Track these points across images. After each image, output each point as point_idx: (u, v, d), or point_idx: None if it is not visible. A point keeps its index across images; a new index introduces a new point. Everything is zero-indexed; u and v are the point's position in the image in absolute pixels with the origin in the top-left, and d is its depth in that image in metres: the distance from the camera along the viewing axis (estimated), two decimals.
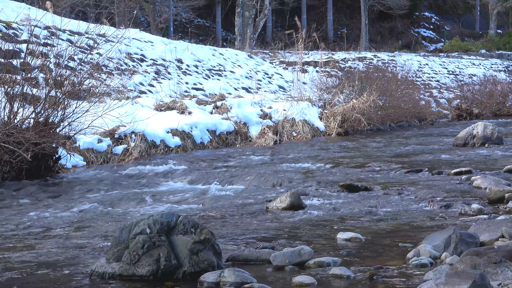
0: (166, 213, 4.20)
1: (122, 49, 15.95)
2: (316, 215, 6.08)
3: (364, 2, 40.05)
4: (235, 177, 8.46)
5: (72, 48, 10.88)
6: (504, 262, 3.64)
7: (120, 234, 4.13)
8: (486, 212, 5.84)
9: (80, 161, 9.94)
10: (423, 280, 3.78)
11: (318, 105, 16.25)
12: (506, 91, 25.06)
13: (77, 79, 9.52)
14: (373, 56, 30.48)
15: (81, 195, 7.61)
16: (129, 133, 11.00)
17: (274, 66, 24.57)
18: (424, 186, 7.36)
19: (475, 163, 9.36)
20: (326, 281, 3.92)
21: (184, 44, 20.91)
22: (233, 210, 6.43)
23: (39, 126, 8.59)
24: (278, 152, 11.68)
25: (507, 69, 35.21)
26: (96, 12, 32.24)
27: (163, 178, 8.73)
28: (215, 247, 4.15)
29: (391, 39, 45.19)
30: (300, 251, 4.27)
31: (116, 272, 4.02)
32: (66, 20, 14.15)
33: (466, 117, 21.94)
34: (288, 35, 19.83)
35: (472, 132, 11.95)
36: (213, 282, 3.85)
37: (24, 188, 8.02)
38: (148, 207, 6.67)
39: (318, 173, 8.84)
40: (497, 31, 45.48)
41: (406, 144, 12.93)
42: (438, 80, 29.70)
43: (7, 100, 8.59)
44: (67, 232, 5.55)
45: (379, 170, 8.93)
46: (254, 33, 27.33)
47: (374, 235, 5.12)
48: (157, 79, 16.34)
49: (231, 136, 13.32)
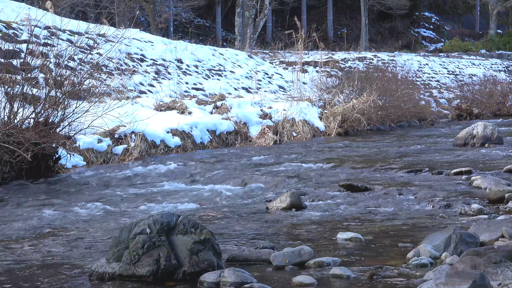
0: (166, 213, 4.20)
1: (122, 49, 15.94)
2: (316, 215, 6.08)
3: (364, 2, 40.06)
4: (235, 177, 8.46)
5: (72, 48, 10.88)
6: (504, 262, 3.64)
7: (120, 234, 4.13)
8: (486, 212, 5.84)
9: (80, 161, 9.94)
10: (423, 280, 3.78)
11: (318, 105, 16.25)
12: (506, 91, 25.06)
13: (77, 79, 9.52)
14: (373, 56, 30.47)
15: (81, 195, 7.61)
16: (129, 133, 11.00)
17: (274, 66, 24.57)
18: (424, 186, 7.36)
19: (475, 163, 9.36)
20: (326, 281, 3.92)
21: (184, 44, 20.91)
22: (233, 210, 6.44)
23: (39, 126, 8.59)
24: (278, 152, 11.68)
25: (507, 69, 35.21)
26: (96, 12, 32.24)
27: (163, 178, 8.73)
28: (215, 247, 4.15)
29: (391, 39, 45.19)
30: (300, 251, 4.27)
31: (116, 272, 4.02)
32: (66, 20, 14.15)
33: (466, 117, 21.94)
34: (288, 35, 19.82)
35: (472, 132, 11.94)
36: (213, 282, 3.85)
37: (24, 188, 8.02)
38: (148, 207, 6.67)
39: (318, 173, 8.84)
40: (497, 31, 45.48)
41: (406, 144, 12.93)
42: (438, 80, 29.69)
43: (7, 100, 8.59)
44: (67, 232, 5.55)
45: (379, 170, 8.92)
46: (254, 33, 27.32)
47: (374, 235, 5.12)
48: (157, 79, 16.33)
49: (231, 136, 13.32)
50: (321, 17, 44.12)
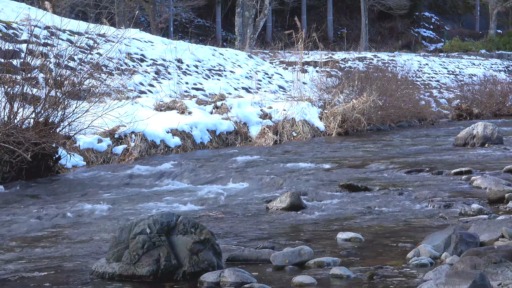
0: (166, 213, 4.20)
1: (122, 49, 15.93)
2: (316, 215, 6.08)
3: (364, 2, 40.05)
4: (235, 177, 8.46)
5: (72, 48, 10.88)
6: (504, 262, 3.64)
7: (120, 234, 4.13)
8: (486, 212, 5.84)
9: (80, 161, 9.94)
10: (423, 280, 3.78)
11: (318, 105, 16.25)
12: (506, 91, 25.04)
13: (77, 79, 9.52)
14: (373, 56, 30.46)
15: (81, 195, 7.61)
16: (129, 133, 11.00)
17: (274, 66, 24.56)
18: (424, 186, 7.36)
19: (475, 163, 9.36)
20: (326, 281, 3.92)
21: (184, 44, 20.90)
22: (233, 210, 6.44)
23: (39, 126, 8.59)
24: (278, 152, 11.68)
25: (507, 69, 35.19)
26: (96, 12, 32.24)
27: (163, 178, 8.73)
28: (215, 247, 4.15)
29: (391, 39, 45.19)
30: (300, 251, 4.27)
31: (116, 272, 4.02)
32: (66, 20, 14.14)
33: (466, 117, 21.94)
34: (288, 35, 19.82)
35: (472, 132, 11.94)
36: (213, 282, 3.85)
37: (24, 188, 8.02)
38: (148, 207, 6.67)
39: (318, 173, 8.84)
40: (497, 31, 45.47)
41: (406, 144, 12.93)
42: (438, 80, 29.68)
43: (7, 100, 8.59)
44: (67, 232, 5.55)
45: (379, 170, 8.92)
46: (254, 33, 27.31)
47: (374, 235, 5.12)
48: (157, 79, 16.33)
49: (231, 136, 13.32)
50: (321, 17, 44.12)
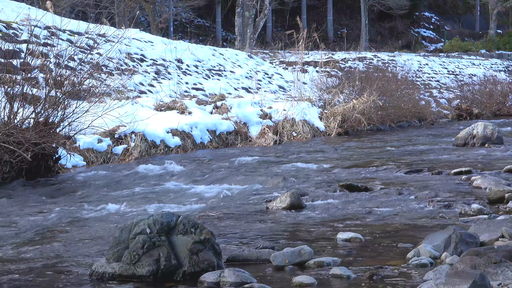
0: (166, 213, 4.20)
1: (122, 49, 15.93)
2: (316, 215, 6.08)
3: (364, 2, 40.05)
4: (235, 177, 8.46)
5: (72, 48, 10.87)
6: (504, 262, 3.64)
7: (120, 234, 4.13)
8: (486, 212, 5.84)
9: (80, 161, 9.94)
10: (423, 280, 3.78)
11: (318, 105, 16.25)
12: (506, 91, 25.04)
13: (77, 79, 9.52)
14: (373, 56, 30.45)
15: (81, 195, 7.61)
16: (129, 133, 11.00)
17: (274, 66, 24.55)
18: (424, 186, 7.36)
19: (475, 163, 9.36)
20: (326, 281, 3.92)
21: (184, 44, 20.90)
22: (233, 210, 6.44)
23: (39, 126, 8.59)
24: (278, 152, 11.68)
25: (507, 69, 35.19)
26: (96, 12, 32.23)
27: (163, 178, 8.73)
28: (215, 247, 4.15)
29: (391, 39, 45.18)
30: (300, 251, 4.27)
31: (116, 272, 4.02)
32: (66, 20, 14.14)
33: (466, 117, 21.94)
34: (288, 35, 19.83)
35: (472, 132, 11.94)
36: (213, 282, 3.85)
37: (24, 188, 8.02)
38: (148, 207, 6.67)
39: (318, 173, 8.84)
40: (497, 31, 45.45)
41: (406, 144, 12.93)
42: (438, 80, 29.68)
43: (7, 100, 8.59)
44: (67, 232, 5.55)
45: (379, 170, 8.93)
46: (254, 33, 27.31)
47: (374, 235, 5.12)
48: (157, 79, 16.33)
49: (231, 136, 13.32)
50: (321, 17, 44.11)
